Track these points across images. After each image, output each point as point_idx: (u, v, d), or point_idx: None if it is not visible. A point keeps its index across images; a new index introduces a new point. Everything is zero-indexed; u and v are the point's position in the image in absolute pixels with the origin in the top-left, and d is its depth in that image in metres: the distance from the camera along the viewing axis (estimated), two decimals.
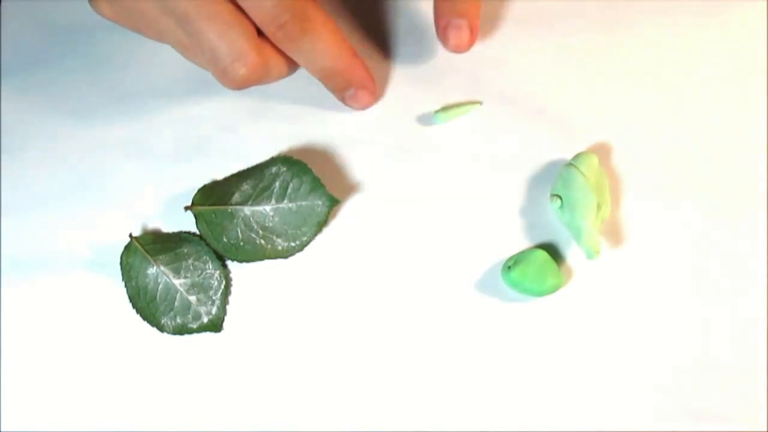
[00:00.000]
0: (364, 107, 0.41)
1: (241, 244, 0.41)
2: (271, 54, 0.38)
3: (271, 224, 0.41)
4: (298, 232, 0.41)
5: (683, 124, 0.43)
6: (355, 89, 0.40)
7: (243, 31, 0.36)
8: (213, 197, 0.41)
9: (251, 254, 0.41)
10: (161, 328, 0.41)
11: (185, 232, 0.42)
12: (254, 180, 0.41)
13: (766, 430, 0.39)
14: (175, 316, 0.41)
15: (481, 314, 0.41)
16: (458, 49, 0.40)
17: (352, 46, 0.40)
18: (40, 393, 0.41)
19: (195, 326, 0.41)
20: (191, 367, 0.41)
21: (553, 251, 0.41)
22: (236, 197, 0.41)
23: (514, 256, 0.41)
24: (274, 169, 0.41)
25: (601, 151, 0.42)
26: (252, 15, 0.36)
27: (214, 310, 0.41)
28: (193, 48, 0.37)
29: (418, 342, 0.41)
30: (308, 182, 0.41)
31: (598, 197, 0.40)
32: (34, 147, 0.43)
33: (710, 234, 0.41)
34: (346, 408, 0.40)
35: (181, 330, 0.41)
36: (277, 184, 0.41)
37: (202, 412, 0.40)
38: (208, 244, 0.41)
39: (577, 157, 0.41)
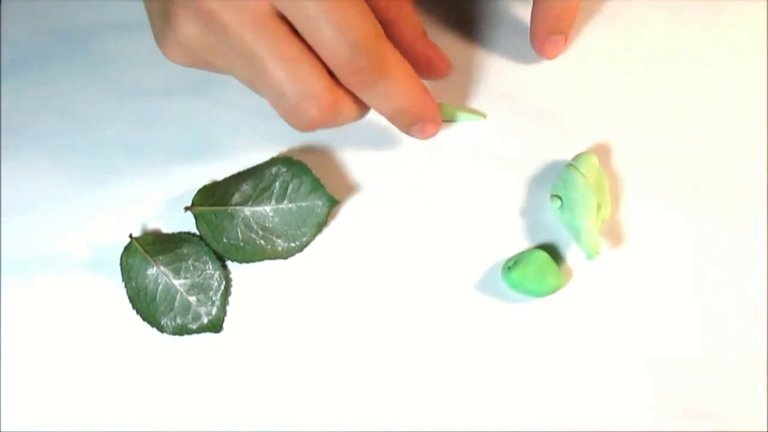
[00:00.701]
0: (428, 138, 0.40)
1: (242, 244, 0.41)
2: (343, 96, 0.36)
3: (271, 225, 0.41)
4: (298, 232, 0.41)
5: (683, 124, 0.43)
6: (422, 123, 0.39)
7: (314, 70, 0.34)
8: (213, 198, 0.41)
9: (251, 254, 0.41)
10: (161, 329, 0.41)
11: (185, 233, 0.42)
12: (254, 180, 0.41)
13: (766, 430, 0.39)
14: (175, 317, 0.41)
15: (482, 315, 0.41)
16: (551, 58, 0.43)
17: (421, 81, 0.38)
18: (40, 393, 0.41)
19: (195, 327, 0.41)
20: (191, 368, 0.41)
21: (553, 251, 0.41)
22: (236, 198, 0.41)
23: (514, 256, 0.41)
24: (274, 170, 0.41)
25: (601, 151, 0.42)
26: (326, 58, 0.34)
27: (213, 311, 0.41)
28: (262, 86, 0.35)
29: (418, 342, 0.41)
30: (308, 183, 0.41)
31: (598, 197, 0.40)
32: (34, 147, 0.43)
33: (710, 234, 0.41)
34: (346, 408, 0.40)
35: (181, 330, 0.41)
36: (277, 184, 0.41)
37: (202, 412, 0.40)
38: (207, 245, 0.41)
39: (577, 157, 0.41)
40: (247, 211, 0.41)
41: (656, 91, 0.43)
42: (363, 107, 0.37)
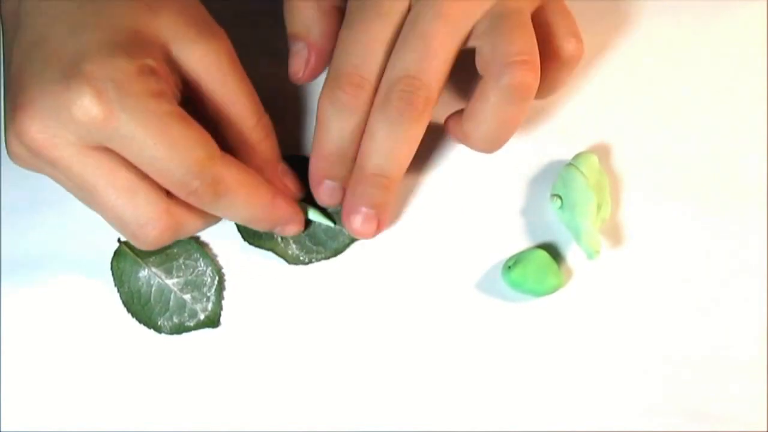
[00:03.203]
0: (295, 235, 0.40)
1: (261, 232, 0.41)
2: (183, 214, 0.36)
3: None
4: (315, 248, 0.41)
5: (683, 124, 0.43)
6: (281, 226, 0.39)
7: (149, 196, 0.34)
8: None
9: (262, 242, 0.41)
10: (158, 329, 0.40)
11: None
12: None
13: (766, 430, 0.39)
14: (171, 316, 0.41)
15: (482, 314, 0.41)
16: (362, 237, 0.40)
17: (270, 187, 0.37)
18: (41, 394, 0.40)
19: (192, 324, 0.41)
20: (192, 365, 0.40)
21: (553, 251, 0.41)
22: None
23: (514, 256, 0.41)
24: None
25: (601, 151, 0.42)
26: (160, 181, 0.34)
27: (209, 306, 0.41)
28: (100, 213, 0.35)
29: (418, 341, 0.40)
30: None
31: (598, 197, 0.40)
32: None
33: (710, 234, 0.41)
34: (346, 408, 0.40)
35: (179, 329, 0.41)
36: None
37: (205, 409, 0.40)
38: (196, 242, 0.41)
39: (577, 157, 0.41)
40: None
41: (656, 91, 0.44)
42: (210, 217, 0.37)
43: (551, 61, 0.38)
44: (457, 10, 0.36)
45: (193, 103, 0.36)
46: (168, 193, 0.35)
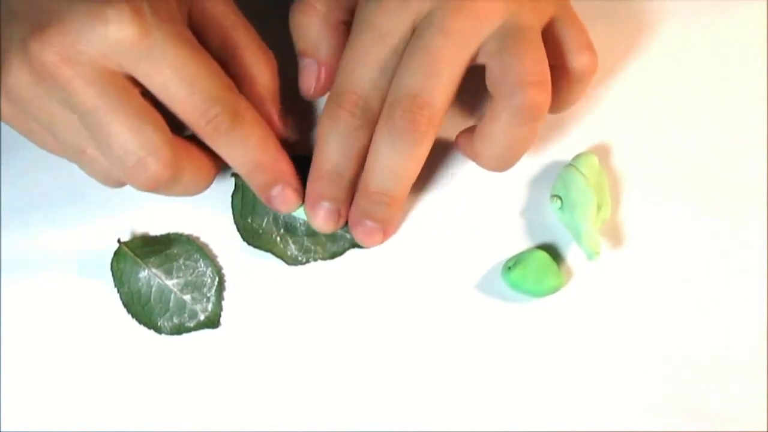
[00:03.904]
0: (289, 210, 0.39)
1: (260, 231, 0.41)
2: (187, 157, 0.36)
3: (296, 229, 0.41)
4: (313, 248, 0.41)
5: (683, 124, 0.43)
6: (281, 187, 0.38)
7: (156, 126, 0.34)
8: None
9: (261, 242, 0.41)
10: (159, 330, 0.40)
11: (174, 233, 0.42)
12: None
13: (766, 430, 0.39)
14: (171, 317, 0.41)
15: (482, 315, 0.41)
16: (368, 247, 0.41)
17: (277, 142, 0.38)
18: (41, 394, 0.40)
19: (192, 324, 0.41)
20: (192, 366, 0.40)
21: (553, 251, 0.41)
22: None
23: (514, 256, 0.41)
24: None
25: (601, 151, 0.42)
26: (178, 109, 0.35)
27: (209, 307, 0.41)
28: (100, 147, 0.35)
29: (418, 342, 0.40)
30: None
31: (598, 197, 0.40)
32: (34, 148, 0.42)
33: (710, 234, 0.41)
34: (346, 408, 0.40)
35: (179, 330, 0.41)
36: None
37: (206, 409, 0.40)
38: (197, 243, 0.41)
39: (577, 157, 0.41)
40: None
41: (656, 91, 0.44)
42: (207, 173, 0.37)
43: (564, 76, 0.38)
44: (464, 28, 0.35)
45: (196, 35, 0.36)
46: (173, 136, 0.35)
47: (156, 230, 0.42)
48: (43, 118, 0.35)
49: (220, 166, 0.38)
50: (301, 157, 0.40)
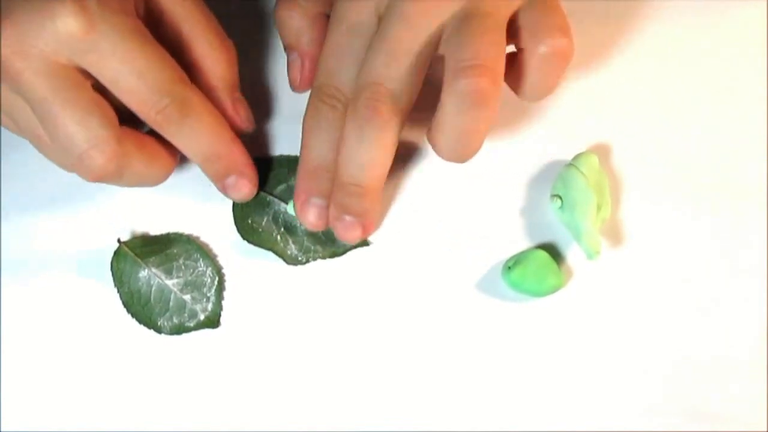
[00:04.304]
0: (245, 198, 0.40)
1: (260, 230, 0.41)
2: (133, 148, 0.37)
3: (295, 229, 0.41)
4: (313, 248, 0.41)
5: (683, 124, 0.43)
6: (236, 177, 0.39)
7: (103, 119, 0.35)
8: (261, 175, 0.41)
9: (261, 241, 0.41)
10: (158, 330, 0.40)
11: (174, 233, 0.42)
12: None
13: (766, 430, 0.39)
14: (171, 317, 0.41)
15: (482, 314, 0.41)
16: (349, 242, 0.40)
17: (231, 131, 0.39)
18: (40, 395, 0.40)
19: (192, 324, 0.41)
20: (192, 366, 0.40)
21: (553, 251, 0.41)
22: (280, 188, 0.41)
23: (514, 256, 0.41)
24: None
25: (601, 151, 0.42)
26: (128, 100, 0.36)
27: (209, 307, 0.41)
28: (48, 136, 0.35)
29: (418, 341, 0.40)
30: None
31: (598, 197, 0.40)
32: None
33: (710, 234, 0.41)
34: (346, 407, 0.40)
35: (179, 329, 0.40)
36: None
37: (204, 410, 0.40)
38: (198, 244, 0.41)
39: (577, 157, 0.41)
40: (284, 206, 0.41)
41: (656, 91, 0.44)
42: (163, 164, 0.38)
43: (533, 59, 0.36)
44: (420, 11, 0.35)
45: (150, 30, 0.37)
46: (124, 128, 0.36)
47: (156, 230, 0.42)
48: (4, 104, 0.36)
49: (178, 157, 0.39)
50: (263, 159, 0.41)
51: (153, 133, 0.38)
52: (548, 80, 0.37)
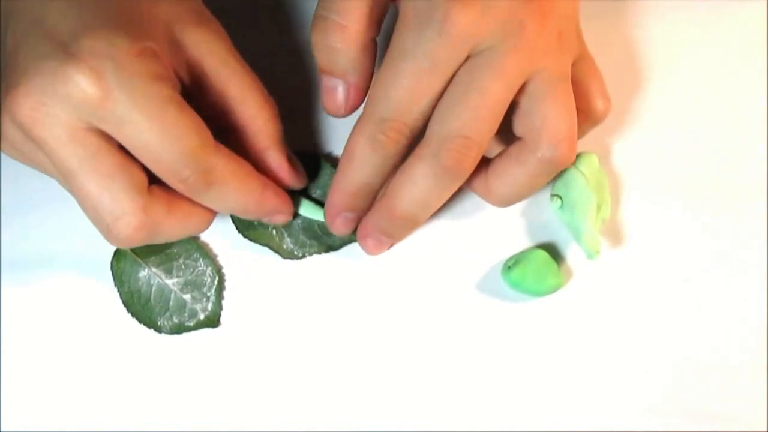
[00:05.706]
0: (283, 223, 0.40)
1: (256, 223, 0.41)
2: (162, 214, 0.35)
3: (291, 224, 0.41)
4: (308, 242, 0.41)
5: (683, 124, 0.43)
6: (270, 216, 0.39)
7: (128, 186, 0.33)
8: None
9: (257, 236, 0.41)
10: (158, 329, 0.40)
11: None
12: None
13: (766, 430, 0.39)
14: (171, 316, 0.41)
15: (482, 314, 0.41)
16: (369, 254, 0.40)
17: (261, 178, 0.37)
18: (40, 394, 0.40)
19: (192, 324, 0.41)
20: (192, 366, 0.40)
21: (553, 251, 0.41)
22: None
23: (514, 256, 0.41)
24: (324, 178, 0.41)
25: (601, 151, 0.42)
26: (151, 168, 0.34)
27: (209, 306, 0.41)
28: (78, 201, 0.34)
29: (418, 341, 0.40)
30: None
31: (598, 197, 0.40)
32: None
33: (710, 234, 0.41)
34: (346, 407, 0.40)
35: (179, 329, 0.40)
36: (319, 192, 0.41)
37: (204, 410, 0.40)
38: (198, 243, 0.41)
39: (577, 156, 0.41)
40: None
41: (656, 91, 0.44)
42: (200, 218, 0.37)
43: (583, 118, 0.38)
44: (516, 68, 0.35)
45: (193, 92, 0.36)
46: (154, 189, 0.35)
47: None
48: (36, 165, 0.35)
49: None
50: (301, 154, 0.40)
51: None
52: (584, 134, 0.40)
